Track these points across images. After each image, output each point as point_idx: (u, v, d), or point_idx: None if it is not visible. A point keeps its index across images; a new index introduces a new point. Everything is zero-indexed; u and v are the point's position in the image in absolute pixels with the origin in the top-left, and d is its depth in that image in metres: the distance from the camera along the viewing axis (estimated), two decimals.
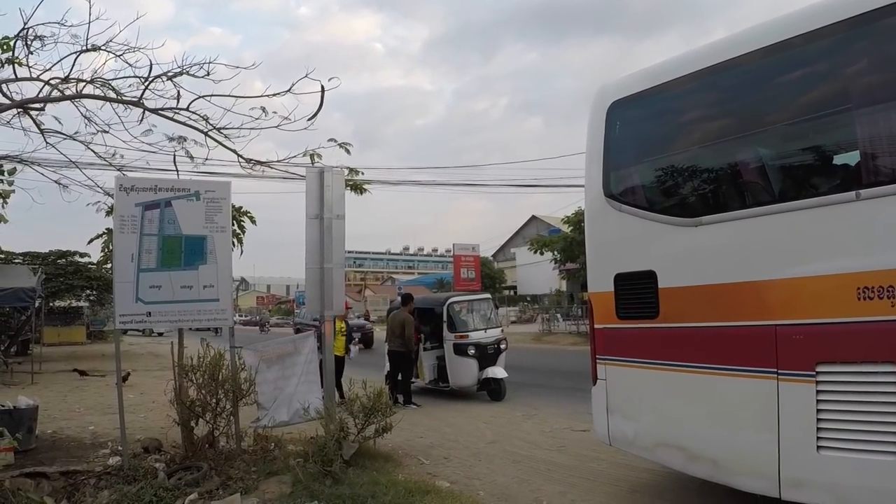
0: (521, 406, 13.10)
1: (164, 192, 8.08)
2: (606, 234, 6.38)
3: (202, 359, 8.08)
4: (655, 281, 5.72)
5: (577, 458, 8.61)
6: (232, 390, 8.12)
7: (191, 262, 8.12)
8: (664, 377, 5.69)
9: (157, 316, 7.95)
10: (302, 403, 8.56)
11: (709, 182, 5.66)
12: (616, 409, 6.24)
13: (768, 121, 5.28)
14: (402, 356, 13.95)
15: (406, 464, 8.41)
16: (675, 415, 5.65)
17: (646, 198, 6.10)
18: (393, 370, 14.22)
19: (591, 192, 6.47)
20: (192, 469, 7.36)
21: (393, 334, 14.04)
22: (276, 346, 9.28)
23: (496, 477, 7.81)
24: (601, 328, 6.42)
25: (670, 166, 5.91)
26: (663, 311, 5.67)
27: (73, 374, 20.10)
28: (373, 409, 8.24)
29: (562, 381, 16.71)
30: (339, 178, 9.12)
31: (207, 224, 8.23)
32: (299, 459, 7.68)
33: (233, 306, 8.92)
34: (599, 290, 6.41)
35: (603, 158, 6.34)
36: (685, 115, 6.06)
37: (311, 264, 8.83)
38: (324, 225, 8.80)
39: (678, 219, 5.61)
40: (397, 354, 14.00)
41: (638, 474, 7.56)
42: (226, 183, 8.63)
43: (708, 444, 5.36)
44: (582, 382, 8.59)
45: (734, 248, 5.16)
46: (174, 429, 8.33)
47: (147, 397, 14.49)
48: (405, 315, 14.04)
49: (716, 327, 5.24)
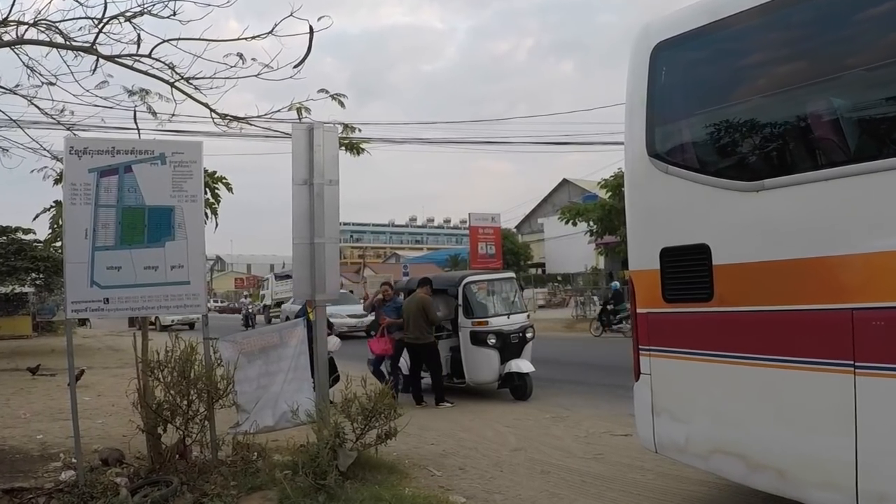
0: (551, 406, 13.18)
1: (122, 154, 8.09)
2: (650, 200, 6.38)
3: (170, 353, 8.15)
4: (709, 257, 5.72)
5: (616, 467, 8.66)
6: (206, 390, 8.18)
7: (156, 239, 8.17)
8: (720, 371, 5.70)
9: (116, 303, 8.01)
10: (290, 405, 8.62)
11: (774, 138, 5.65)
12: (663, 409, 6.28)
13: (851, 64, 5.24)
14: (426, 348, 13.95)
15: (414, 475, 8.48)
16: (733, 416, 5.67)
17: (697, 157, 6.10)
18: (415, 366, 14.28)
19: (633, 151, 6.47)
20: (160, 484, 7.45)
21: (412, 323, 13.89)
22: (258, 336, 9.35)
23: (521, 490, 7.88)
24: (645, 313, 6.44)
25: (728, 120, 5.90)
26: (718, 292, 5.68)
27: (18, 374, 20.27)
28: (374, 412, 8.26)
29: (599, 377, 16.78)
30: (332, 137, 9.15)
31: (175, 192, 8.26)
32: (287, 471, 7.75)
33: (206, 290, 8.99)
34: (642, 267, 6.43)
35: (646, 111, 6.32)
36: (747, 57, 6.02)
37: (298, 239, 8.90)
38: (314, 192, 8.85)
39: (736, 182, 5.60)
40: (419, 347, 13.97)
41: (689, 487, 7.62)
42: (196, 143, 8.65)
43: (773, 451, 5.37)
44: (623, 378, 8.64)
45: (803, 216, 5.14)
46: (138, 437, 8.44)
47: (106, 400, 14.66)
48: (421, 296, 14.01)
49: (780, 312, 5.25)
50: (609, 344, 25.34)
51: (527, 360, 14.46)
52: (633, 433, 6.95)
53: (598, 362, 19.08)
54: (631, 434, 9.05)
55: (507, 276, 16.78)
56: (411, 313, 13.91)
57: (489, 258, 47.27)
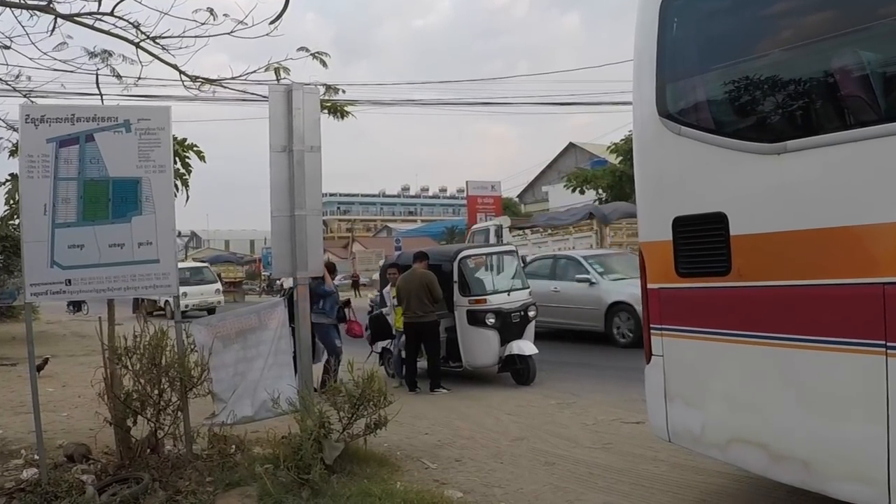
0: (556, 392, 13.20)
1: (84, 122, 8.02)
2: (662, 165, 6.32)
3: (139, 338, 8.12)
4: (726, 226, 5.65)
5: (627, 458, 8.65)
6: (179, 378, 8.18)
7: (121, 214, 8.12)
8: (738, 352, 5.66)
9: (78, 284, 7.96)
10: (270, 393, 8.60)
11: (798, 96, 5.56)
12: (677, 394, 6.25)
13: (884, 13, 5.14)
14: (428, 327, 13.84)
15: (407, 468, 8.51)
16: (753, 402, 5.62)
17: (713, 117, 6.02)
18: (412, 348, 14.17)
19: (642, 111, 6.40)
20: (130, 481, 7.46)
21: (413, 301, 13.74)
22: (234, 319, 9.32)
23: (523, 484, 7.88)
24: (656, 288, 6.40)
25: (747, 76, 5.80)
26: (737, 265, 5.62)
27: None
28: (362, 399, 8.25)
29: (608, 360, 16.80)
30: (313, 99, 9.09)
31: (142, 163, 8.21)
32: (268, 465, 7.73)
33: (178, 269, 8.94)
34: (653, 238, 6.38)
35: (656, 67, 6.24)
36: (769, 6, 5.93)
37: (277, 211, 8.87)
38: (293, 160, 8.80)
39: (756, 144, 5.51)
40: (420, 326, 13.83)
41: (706, 479, 7.61)
42: (164, 108, 8.60)
43: (796, 441, 5.32)
44: (635, 361, 8.61)
45: (829, 182, 5.06)
46: (106, 430, 8.42)
47: (71, 391, 14.62)
48: (423, 271, 13.92)
49: (803, 287, 5.18)
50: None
51: (529, 342, 14.41)
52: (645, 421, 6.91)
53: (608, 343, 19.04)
54: (643, 422, 9.03)
55: (508, 249, 16.75)
56: (412, 290, 13.76)
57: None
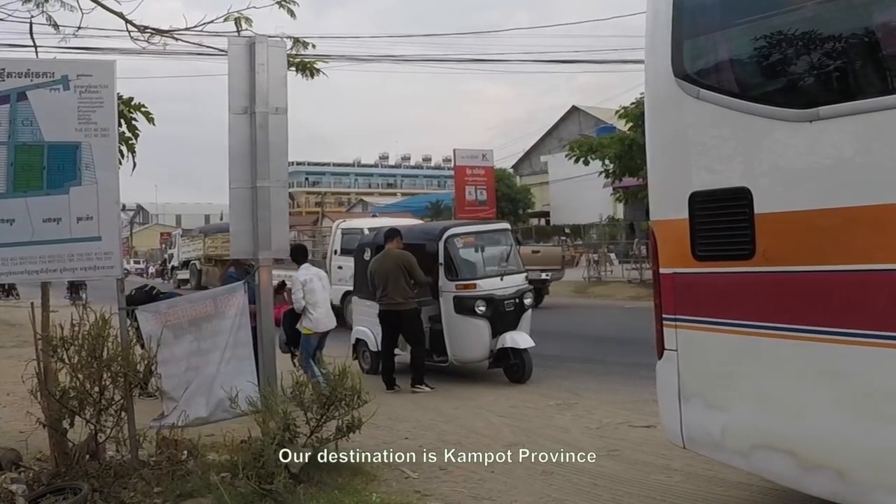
0: (555, 391, 13.30)
1: (14, 78, 8.02)
2: (677, 133, 6.35)
3: (77, 327, 8.11)
4: (750, 203, 5.67)
5: (636, 467, 8.71)
6: (123, 373, 8.17)
7: (58, 184, 8.14)
8: (765, 346, 5.68)
9: (8, 264, 8.00)
10: (227, 391, 8.58)
11: (832, 56, 5.58)
12: (693, 394, 6.27)
13: None
14: (407, 316, 13.88)
15: (384, 478, 8.52)
16: (781, 403, 5.64)
17: (736, 79, 6.06)
18: (389, 340, 14.22)
19: (656, 70, 6.43)
20: (66, 491, 7.45)
21: (391, 286, 13.73)
22: (187, 305, 9.28)
23: (516, 495, 7.93)
24: (670, 274, 6.43)
25: (775, 32, 5.81)
26: (762, 247, 5.65)
27: None
28: (332, 398, 8.26)
29: (616, 354, 16.94)
30: (279, 54, 9.06)
31: (81, 125, 8.20)
32: (225, 474, 7.80)
33: (122, 248, 8.95)
34: (667, 216, 6.43)
35: (672, 21, 6.24)
36: None
37: (236, 182, 8.84)
38: (255, 123, 8.76)
39: (784, 110, 5.53)
40: (399, 315, 13.88)
41: (726, 491, 7.67)
42: (108, 63, 8.60)
43: (831, 447, 5.34)
44: (646, 356, 8.66)
45: (867, 153, 5.10)
46: (39, 433, 8.46)
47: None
48: (399, 251, 13.88)
49: (838, 272, 5.21)
50: (629, 313, 25.42)
51: (525, 333, 14.41)
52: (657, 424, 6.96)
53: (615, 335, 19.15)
54: (654, 425, 9.10)
55: (501, 227, 16.85)
56: (389, 273, 13.74)
57: (480, 206, 46.98)
